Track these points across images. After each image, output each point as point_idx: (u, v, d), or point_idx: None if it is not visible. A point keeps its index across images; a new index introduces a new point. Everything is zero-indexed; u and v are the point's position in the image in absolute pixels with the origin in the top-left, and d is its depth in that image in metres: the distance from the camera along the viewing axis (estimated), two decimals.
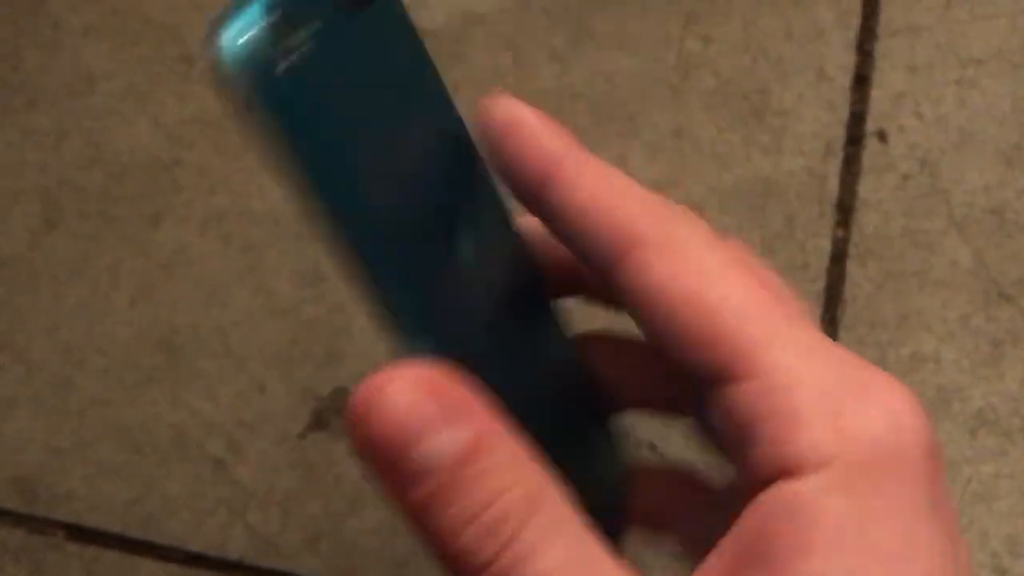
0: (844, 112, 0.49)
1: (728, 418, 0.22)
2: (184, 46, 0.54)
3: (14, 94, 0.54)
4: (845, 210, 0.48)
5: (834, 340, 0.48)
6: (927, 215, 0.48)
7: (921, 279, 0.47)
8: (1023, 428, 0.46)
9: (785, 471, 0.21)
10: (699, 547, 0.23)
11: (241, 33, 0.20)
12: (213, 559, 0.47)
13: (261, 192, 0.51)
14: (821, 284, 0.47)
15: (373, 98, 0.23)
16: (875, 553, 0.20)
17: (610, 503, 0.31)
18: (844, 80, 0.49)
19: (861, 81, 0.49)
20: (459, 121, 0.26)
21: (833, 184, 0.48)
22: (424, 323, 0.23)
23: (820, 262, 0.48)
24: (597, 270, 0.25)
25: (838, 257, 0.48)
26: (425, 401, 0.21)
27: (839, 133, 0.49)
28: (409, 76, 0.24)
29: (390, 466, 0.21)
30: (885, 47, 0.49)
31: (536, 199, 0.25)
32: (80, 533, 0.47)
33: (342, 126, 0.22)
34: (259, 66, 0.20)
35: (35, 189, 0.52)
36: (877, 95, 0.49)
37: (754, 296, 0.22)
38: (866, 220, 0.48)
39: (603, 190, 0.24)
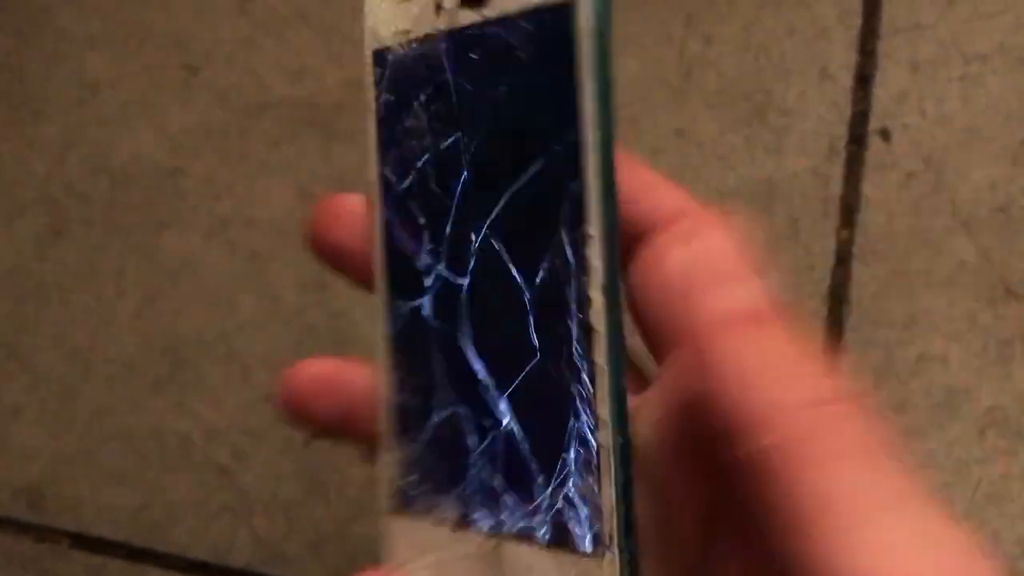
0: (847, 111, 0.48)
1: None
2: (187, 54, 0.54)
3: (19, 105, 0.54)
4: (849, 210, 0.48)
5: (839, 341, 0.48)
6: (932, 213, 0.47)
7: (927, 278, 0.47)
8: None
9: None
10: None
11: None
12: (218, 567, 0.47)
13: (265, 200, 0.51)
14: (826, 285, 0.47)
15: None
16: None
17: None
18: (846, 79, 0.49)
19: (864, 80, 0.49)
20: None
21: (837, 184, 0.48)
22: None
23: (825, 263, 0.47)
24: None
25: (843, 257, 0.47)
26: None
27: (842, 132, 0.48)
28: None
29: None
30: (888, 46, 0.49)
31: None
32: (86, 541, 0.47)
33: None
34: None
35: (41, 199, 0.52)
36: (880, 94, 0.49)
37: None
38: (870, 219, 0.47)
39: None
